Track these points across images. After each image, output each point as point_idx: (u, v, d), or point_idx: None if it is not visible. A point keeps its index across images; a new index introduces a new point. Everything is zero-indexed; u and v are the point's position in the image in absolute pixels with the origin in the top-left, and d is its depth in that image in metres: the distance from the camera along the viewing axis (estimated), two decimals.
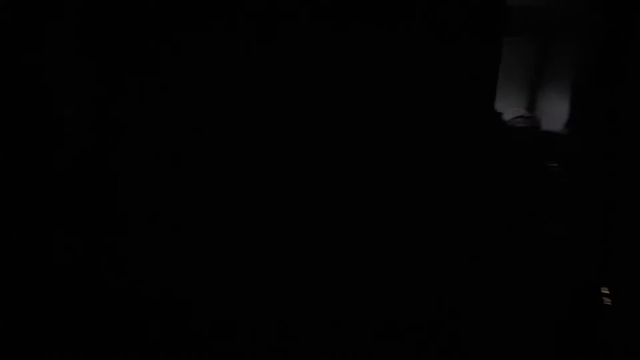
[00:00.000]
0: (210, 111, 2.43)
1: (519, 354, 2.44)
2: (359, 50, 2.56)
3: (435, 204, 2.67)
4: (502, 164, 3.21)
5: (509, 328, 2.56)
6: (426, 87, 2.66)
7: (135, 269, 2.43)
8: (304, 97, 2.48)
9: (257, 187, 2.44)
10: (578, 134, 4.09)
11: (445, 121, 2.71)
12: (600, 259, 3.31)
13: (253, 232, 2.45)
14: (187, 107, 2.41)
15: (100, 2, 2.24)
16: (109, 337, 2.30)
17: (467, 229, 2.71)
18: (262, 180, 2.47)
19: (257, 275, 2.44)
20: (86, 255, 2.38)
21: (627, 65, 3.69)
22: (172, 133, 2.39)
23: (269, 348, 2.28)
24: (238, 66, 2.41)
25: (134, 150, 2.40)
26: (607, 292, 2.92)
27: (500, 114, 6.18)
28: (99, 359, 2.23)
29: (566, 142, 5.20)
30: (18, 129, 2.22)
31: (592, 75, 3.79)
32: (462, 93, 2.80)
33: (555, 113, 7.88)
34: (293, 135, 2.47)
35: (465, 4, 2.68)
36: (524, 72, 8.61)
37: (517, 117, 7.70)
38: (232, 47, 2.36)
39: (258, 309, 2.38)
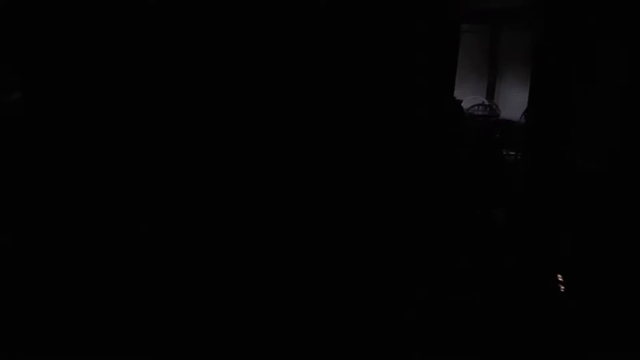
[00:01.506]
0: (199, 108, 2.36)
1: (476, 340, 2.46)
2: (319, 47, 2.51)
3: (392, 192, 2.65)
4: (459, 152, 3.21)
5: (468, 315, 2.58)
6: (383, 76, 2.62)
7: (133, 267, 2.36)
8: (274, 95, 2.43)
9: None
10: (536, 122, 4.15)
11: (401, 110, 2.68)
12: (556, 246, 3.37)
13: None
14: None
15: None
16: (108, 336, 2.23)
17: (422, 216, 2.71)
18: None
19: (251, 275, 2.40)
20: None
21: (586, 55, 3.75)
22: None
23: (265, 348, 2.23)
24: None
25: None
26: (561, 278, 2.98)
27: (459, 101, 6.23)
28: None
29: (525, 130, 5.29)
30: None
31: (546, 64, 3.83)
32: (419, 82, 2.78)
33: (514, 101, 8.01)
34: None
35: None
36: (482, 59, 8.71)
37: (476, 104, 7.79)
38: None
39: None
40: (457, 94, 4.71)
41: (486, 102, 8.08)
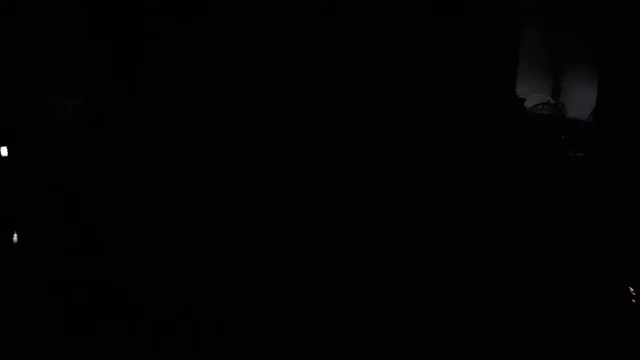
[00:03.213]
0: (209, 109, 2.37)
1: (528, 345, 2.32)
2: (378, 43, 2.46)
3: (453, 194, 2.56)
4: (522, 153, 3.05)
5: (526, 320, 2.44)
6: (441, 73, 2.52)
7: (133, 268, 2.41)
8: (310, 94, 2.40)
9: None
10: (605, 122, 3.89)
11: (463, 110, 2.57)
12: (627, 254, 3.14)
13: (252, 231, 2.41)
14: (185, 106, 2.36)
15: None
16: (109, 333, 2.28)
17: (483, 219, 2.59)
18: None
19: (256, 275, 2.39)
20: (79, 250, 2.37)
21: None
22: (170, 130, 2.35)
23: (268, 348, 2.22)
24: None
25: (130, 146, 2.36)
26: (634, 291, 2.74)
27: (522, 100, 5.97)
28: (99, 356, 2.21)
29: (593, 130, 4.99)
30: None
31: (613, 62, 3.59)
32: (480, 78, 2.65)
33: (582, 100, 7.62)
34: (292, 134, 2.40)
35: None
36: (548, 56, 8.34)
37: (541, 103, 7.43)
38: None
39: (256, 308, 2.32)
40: (521, 91, 4.49)
41: (552, 101, 7.71)
